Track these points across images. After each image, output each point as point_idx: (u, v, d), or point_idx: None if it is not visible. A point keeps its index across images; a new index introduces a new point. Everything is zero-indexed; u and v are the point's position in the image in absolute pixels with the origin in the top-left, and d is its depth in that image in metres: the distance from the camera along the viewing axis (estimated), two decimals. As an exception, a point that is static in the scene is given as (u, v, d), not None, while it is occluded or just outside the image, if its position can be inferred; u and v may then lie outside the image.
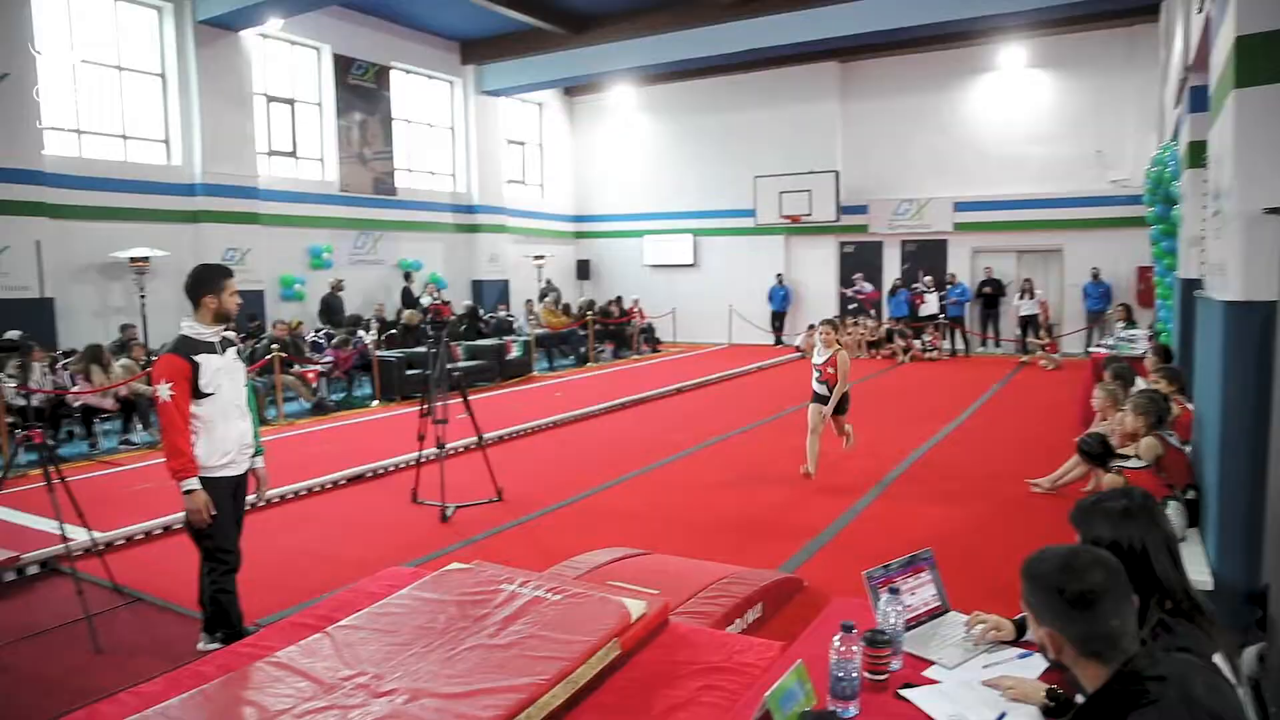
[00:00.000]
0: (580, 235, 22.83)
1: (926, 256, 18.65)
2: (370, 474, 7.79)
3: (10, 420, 8.46)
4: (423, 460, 6.86)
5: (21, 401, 8.56)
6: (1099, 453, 5.61)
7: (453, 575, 3.89)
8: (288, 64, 15.72)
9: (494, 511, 6.53)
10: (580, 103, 22.53)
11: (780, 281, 19.62)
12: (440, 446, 6.55)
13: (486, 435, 7.16)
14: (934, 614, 2.83)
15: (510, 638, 3.29)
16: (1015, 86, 17.51)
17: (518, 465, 7.91)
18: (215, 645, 4.04)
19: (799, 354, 17.55)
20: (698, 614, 4.06)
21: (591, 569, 4.73)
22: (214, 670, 3.31)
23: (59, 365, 9.87)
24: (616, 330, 18.62)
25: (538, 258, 18.89)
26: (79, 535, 4.87)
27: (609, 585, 4.03)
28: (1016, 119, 17.53)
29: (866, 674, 2.34)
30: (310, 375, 11.75)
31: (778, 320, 19.61)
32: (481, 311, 16.83)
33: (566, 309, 18.04)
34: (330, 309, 14.68)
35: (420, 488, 6.80)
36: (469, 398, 6.90)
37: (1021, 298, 16.63)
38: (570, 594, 3.66)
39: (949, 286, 17.49)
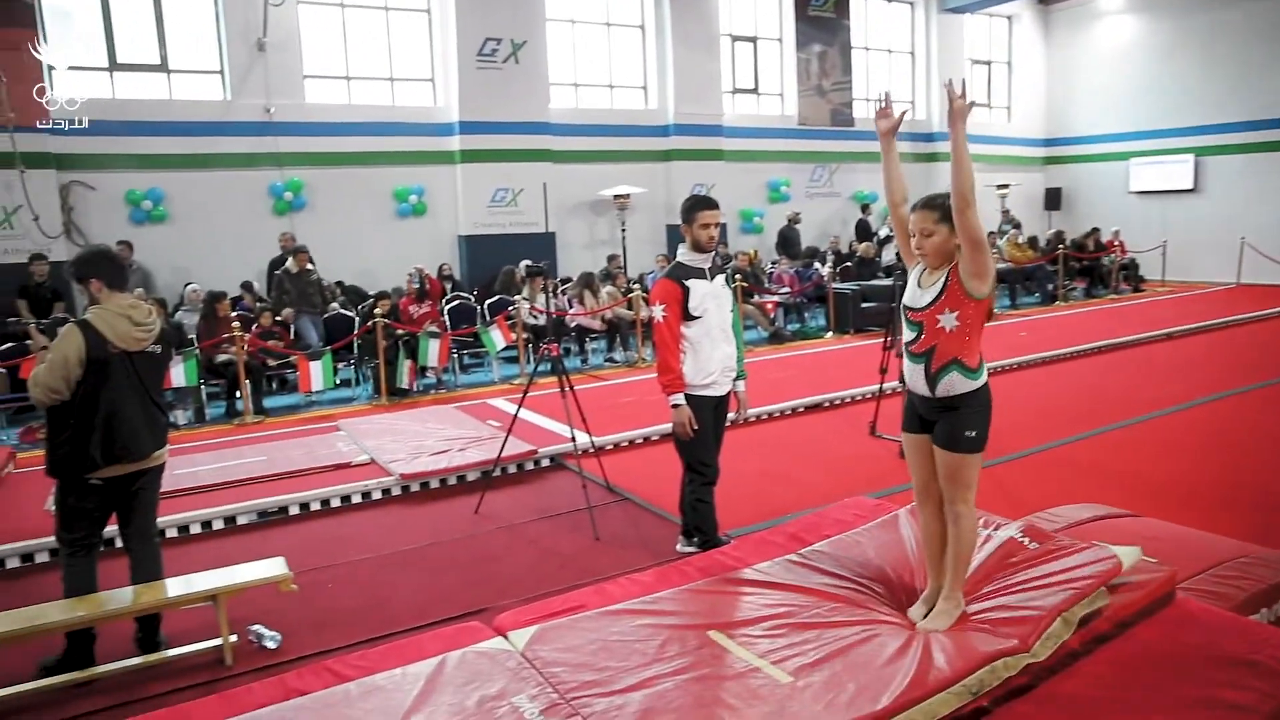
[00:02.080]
0: (1050, 161, 20.66)
1: None
2: (827, 404, 7.89)
3: (525, 337, 9.97)
4: (883, 393, 6.77)
5: (533, 320, 10.10)
6: None
7: (925, 512, 3.78)
8: (750, 2, 16.16)
9: (954, 453, 6.23)
10: (1058, 10, 20.16)
11: (1316, 207, 16.00)
12: (902, 380, 6.39)
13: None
14: None
15: (986, 580, 3.12)
16: None
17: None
18: (692, 549, 4.38)
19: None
20: (1210, 593, 3.48)
21: (1069, 524, 4.29)
22: (696, 571, 3.59)
23: (558, 290, 11.43)
24: (1091, 266, 16.69)
25: (1001, 187, 17.53)
26: (581, 438, 5.60)
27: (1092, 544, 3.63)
28: None
29: None
30: (769, 305, 12.22)
31: (1308, 255, 16.08)
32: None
33: (1033, 242, 16.56)
34: (786, 241, 15.07)
35: (879, 420, 6.74)
36: (932, 332, 6.61)
37: None
38: (1051, 544, 3.36)
39: None
